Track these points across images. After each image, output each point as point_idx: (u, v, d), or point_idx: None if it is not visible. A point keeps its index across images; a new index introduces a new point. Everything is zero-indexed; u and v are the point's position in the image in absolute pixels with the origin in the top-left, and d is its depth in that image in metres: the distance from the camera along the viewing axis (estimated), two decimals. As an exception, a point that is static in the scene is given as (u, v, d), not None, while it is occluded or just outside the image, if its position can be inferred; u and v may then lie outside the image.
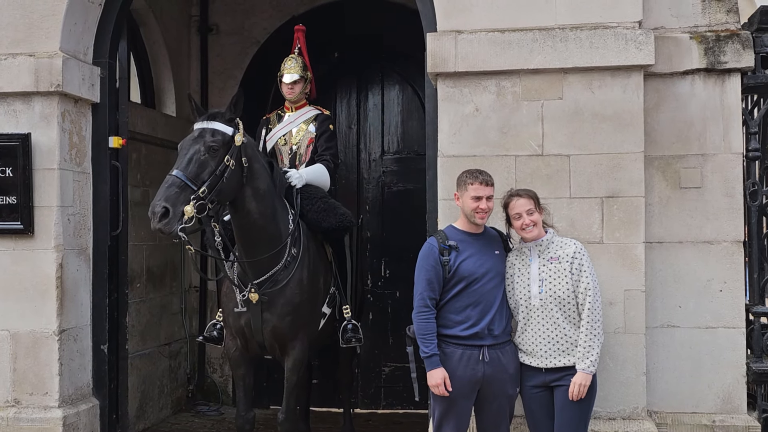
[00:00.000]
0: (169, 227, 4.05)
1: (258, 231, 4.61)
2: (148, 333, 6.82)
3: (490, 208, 4.05)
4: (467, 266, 4.01)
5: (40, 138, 4.97)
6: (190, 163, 4.25)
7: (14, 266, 4.99)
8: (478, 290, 4.01)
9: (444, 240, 4.07)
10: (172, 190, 4.13)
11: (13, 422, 4.92)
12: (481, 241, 4.10)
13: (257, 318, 4.69)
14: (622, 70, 4.51)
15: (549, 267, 4.00)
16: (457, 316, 4.00)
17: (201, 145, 4.31)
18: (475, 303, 4.00)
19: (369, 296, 7.22)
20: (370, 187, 7.37)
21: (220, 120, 4.44)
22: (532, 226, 4.02)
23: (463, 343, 3.98)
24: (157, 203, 4.07)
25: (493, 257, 4.09)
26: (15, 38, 5.01)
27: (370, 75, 7.40)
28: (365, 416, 7.05)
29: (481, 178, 4.03)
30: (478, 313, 3.99)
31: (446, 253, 4.02)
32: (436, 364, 3.96)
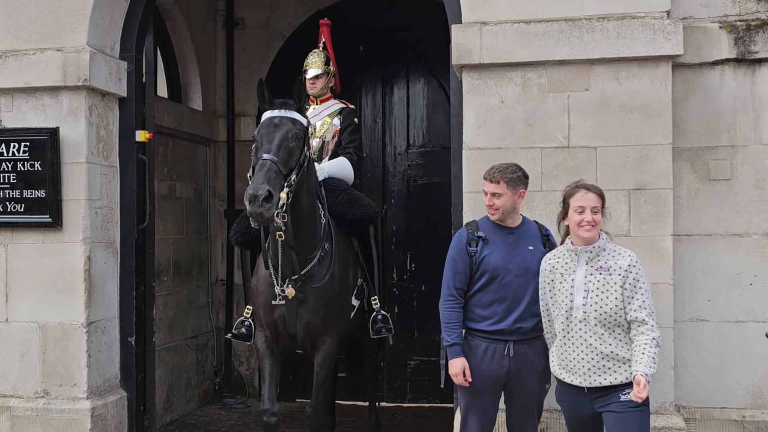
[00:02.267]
0: (270, 212, 3.98)
1: (305, 225, 4.58)
2: (175, 326, 6.87)
3: (498, 205, 3.92)
4: (492, 260, 3.91)
5: (68, 132, 5.01)
6: (280, 149, 4.19)
7: (43, 259, 5.05)
8: (504, 285, 3.90)
9: (474, 230, 3.99)
10: (271, 174, 4.06)
11: (43, 413, 4.98)
12: (514, 235, 3.98)
13: (292, 312, 4.67)
14: (649, 61, 4.45)
15: (597, 278, 3.61)
16: (483, 311, 3.93)
17: (287, 132, 4.26)
18: (501, 299, 3.91)
19: (395, 290, 7.21)
20: (396, 181, 7.35)
21: (293, 109, 4.40)
22: (591, 226, 3.64)
23: (489, 337, 3.91)
24: (261, 186, 3.96)
25: (524, 252, 3.93)
26: (43, 33, 5.06)
27: (395, 68, 7.38)
28: (391, 410, 7.05)
29: (489, 175, 3.96)
30: (504, 309, 3.90)
31: (474, 243, 3.95)
32: (457, 353, 3.92)
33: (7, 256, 5.08)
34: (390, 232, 7.22)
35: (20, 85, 5.02)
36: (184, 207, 7.06)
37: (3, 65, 5.03)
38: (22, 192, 5.03)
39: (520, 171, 3.99)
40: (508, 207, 3.94)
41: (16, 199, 5.04)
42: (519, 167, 4.00)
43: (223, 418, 6.96)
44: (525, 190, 4.01)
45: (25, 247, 5.07)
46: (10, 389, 5.07)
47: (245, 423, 6.75)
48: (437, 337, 7.13)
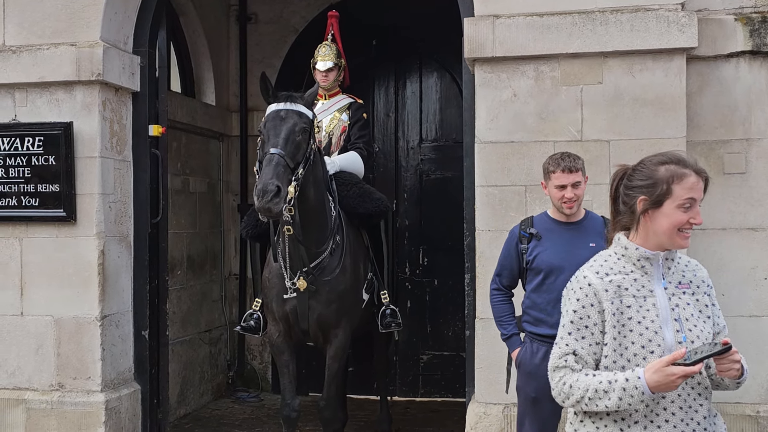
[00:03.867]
0: (278, 207, 3.99)
1: (314, 218, 4.59)
2: (189, 320, 6.90)
3: (578, 195, 3.67)
4: (545, 257, 3.68)
5: (82, 126, 5.03)
6: (287, 143, 4.19)
7: (57, 253, 5.08)
8: (560, 284, 3.52)
9: (527, 227, 3.78)
10: (280, 168, 4.07)
11: (57, 406, 5.02)
12: (573, 231, 3.71)
13: (303, 305, 4.68)
14: (664, 54, 4.42)
15: (682, 299, 2.31)
16: (539, 313, 3.71)
17: (293, 125, 4.25)
18: (557, 300, 3.58)
19: (407, 284, 7.21)
20: (408, 175, 7.34)
21: (300, 102, 4.39)
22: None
23: (547, 341, 3.55)
24: (270, 181, 3.98)
25: (584, 250, 3.49)
26: (57, 28, 5.08)
27: (408, 62, 7.36)
28: (403, 404, 7.05)
29: (564, 164, 3.65)
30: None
31: (525, 241, 3.74)
32: (518, 343, 3.79)
33: (22, 250, 5.12)
34: (402, 226, 7.21)
35: (34, 79, 5.05)
36: (198, 201, 7.08)
37: (17, 60, 5.06)
38: (36, 186, 5.06)
39: (580, 158, 3.80)
40: (582, 198, 3.73)
41: (31, 194, 5.07)
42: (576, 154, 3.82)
43: (237, 411, 6.99)
44: None
45: (40, 241, 5.10)
46: (26, 382, 5.11)
47: (258, 417, 6.78)
48: (449, 331, 7.17)
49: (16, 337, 5.12)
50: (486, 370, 4.57)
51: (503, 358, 4.51)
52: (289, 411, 4.82)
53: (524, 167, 4.54)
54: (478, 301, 4.61)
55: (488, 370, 4.57)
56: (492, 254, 4.55)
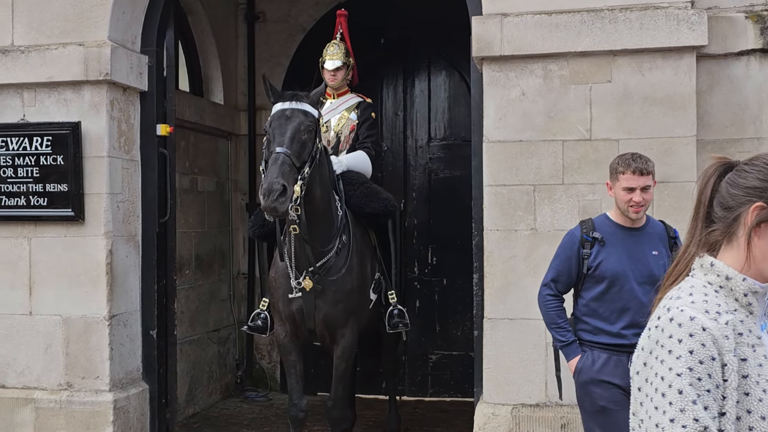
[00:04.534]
0: (284, 206, 3.99)
1: (319, 217, 4.58)
2: (197, 319, 6.90)
3: (647, 200, 3.44)
4: (610, 265, 3.45)
5: (90, 126, 5.04)
6: (293, 142, 4.18)
7: (66, 252, 5.08)
8: (625, 294, 3.44)
9: (589, 230, 3.50)
10: (285, 167, 4.06)
11: (66, 405, 5.02)
12: (636, 237, 3.50)
13: (310, 305, 4.67)
14: (673, 52, 4.39)
15: None
16: (601, 322, 3.47)
17: (299, 124, 4.24)
18: (623, 309, 3.45)
19: (416, 284, 7.19)
20: (417, 174, 7.32)
21: (305, 101, 4.38)
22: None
23: (610, 348, 3.45)
24: (275, 180, 3.97)
25: (647, 257, 3.45)
26: (65, 28, 5.09)
27: (416, 61, 7.34)
28: (412, 404, 7.03)
29: (635, 165, 3.41)
30: (627, 320, 3.43)
31: (588, 245, 3.47)
32: (577, 351, 3.51)
33: (31, 250, 5.13)
34: (411, 225, 7.19)
35: (43, 79, 5.05)
36: (206, 201, 7.08)
37: (26, 60, 5.06)
38: (45, 186, 5.07)
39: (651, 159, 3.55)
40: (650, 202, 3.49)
41: (39, 193, 5.07)
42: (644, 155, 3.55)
43: (245, 411, 6.98)
44: None
45: (49, 241, 5.11)
46: (35, 381, 5.12)
47: (267, 416, 6.77)
48: (458, 331, 7.15)
49: (25, 337, 5.13)
50: (494, 370, 4.55)
51: (511, 358, 4.52)
52: (296, 411, 4.82)
53: (533, 166, 4.51)
54: (486, 301, 4.59)
55: (496, 371, 4.55)
56: (501, 254, 4.54)
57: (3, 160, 5.10)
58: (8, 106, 5.14)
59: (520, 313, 4.50)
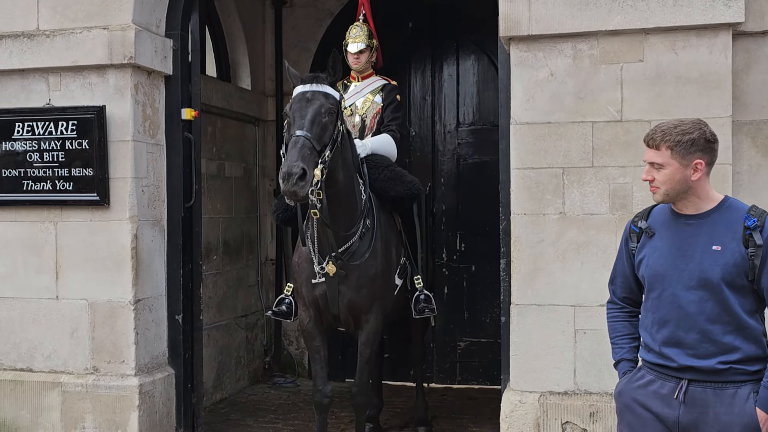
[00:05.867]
0: (304, 190, 3.90)
1: (342, 201, 4.51)
2: (225, 305, 6.90)
3: (659, 181, 2.75)
4: (651, 262, 2.81)
5: (115, 110, 5.02)
6: (313, 125, 4.09)
7: (91, 237, 5.08)
8: (665, 301, 2.76)
9: (639, 219, 2.90)
10: (305, 151, 3.97)
11: (92, 389, 5.04)
12: (693, 228, 2.75)
13: (333, 290, 4.62)
14: (708, 30, 4.23)
15: None
16: (647, 337, 2.86)
17: (319, 107, 4.16)
18: (662, 320, 2.77)
19: (444, 270, 7.11)
20: (445, 160, 7.23)
21: (325, 83, 4.30)
22: None
23: (655, 369, 2.81)
24: (295, 164, 3.89)
25: (704, 254, 2.70)
26: (89, 12, 5.07)
27: (445, 44, 7.23)
28: (441, 391, 6.98)
29: (648, 136, 2.81)
30: (667, 335, 2.75)
31: (634, 237, 2.89)
32: (621, 372, 2.97)
33: (57, 234, 5.14)
34: (439, 211, 7.11)
35: (68, 63, 5.04)
36: (233, 186, 7.07)
37: (51, 44, 5.06)
38: (70, 170, 5.07)
39: (697, 131, 2.72)
40: (675, 185, 2.73)
41: (65, 177, 5.08)
42: (697, 125, 2.74)
43: (273, 397, 6.98)
44: (705, 161, 2.73)
45: (74, 225, 5.11)
46: (61, 365, 5.14)
47: (294, 402, 6.76)
48: (487, 318, 7.06)
49: (51, 321, 5.15)
50: (521, 357, 4.47)
51: (539, 345, 4.43)
52: (321, 397, 4.77)
53: (561, 149, 4.40)
54: (513, 287, 4.50)
55: (524, 358, 4.46)
56: (528, 239, 4.44)
57: (29, 144, 5.11)
58: (34, 90, 5.14)
59: (548, 299, 4.40)
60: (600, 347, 4.29)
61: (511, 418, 4.44)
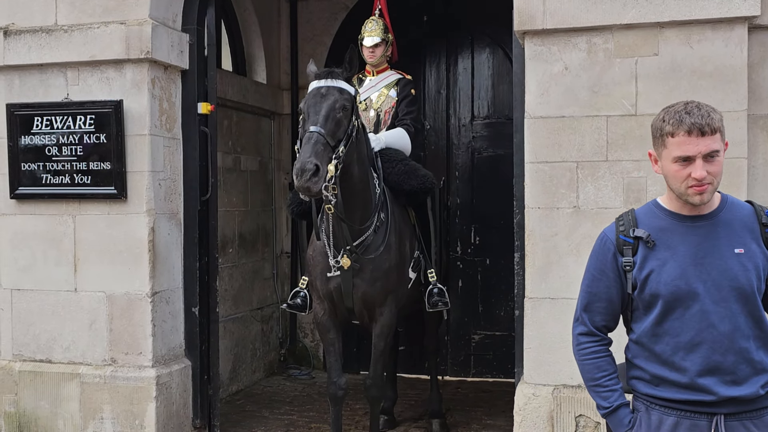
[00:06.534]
0: (317, 186, 3.93)
1: (357, 195, 4.55)
2: (241, 297, 6.95)
3: (715, 174, 2.28)
4: (665, 276, 2.35)
5: (132, 104, 5.06)
6: (327, 120, 4.11)
7: (109, 230, 5.14)
8: (693, 319, 2.33)
9: (628, 228, 2.41)
10: (318, 147, 3.99)
11: (110, 380, 5.10)
12: (705, 230, 2.35)
13: (348, 283, 4.65)
14: (724, 23, 4.21)
15: None
16: (661, 368, 2.39)
17: (334, 102, 4.18)
18: (691, 344, 2.34)
19: (459, 263, 7.13)
20: (460, 153, 7.24)
21: (341, 78, 4.32)
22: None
23: (679, 407, 2.36)
24: (308, 160, 3.91)
25: (725, 260, 2.33)
26: (107, 7, 5.11)
27: (459, 38, 7.24)
28: (455, 384, 7.01)
29: (691, 121, 2.25)
30: (700, 362, 2.33)
31: (628, 250, 2.39)
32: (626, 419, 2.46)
33: (75, 227, 5.20)
34: (454, 204, 7.13)
35: (86, 58, 5.09)
36: (249, 180, 7.11)
37: (69, 39, 5.11)
38: (88, 164, 5.12)
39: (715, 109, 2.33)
40: (720, 177, 2.35)
41: (83, 171, 5.13)
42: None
43: (288, 388, 7.03)
44: None
45: (92, 218, 5.17)
46: (80, 357, 5.21)
47: (309, 394, 6.81)
48: (501, 311, 7.08)
49: (70, 313, 5.22)
50: (535, 350, 4.48)
51: (552, 338, 4.43)
52: (335, 389, 4.81)
53: (575, 143, 4.40)
54: (527, 280, 4.51)
55: (537, 351, 4.47)
56: (542, 232, 4.44)
57: (48, 138, 5.17)
58: (52, 85, 5.19)
59: (561, 292, 4.41)
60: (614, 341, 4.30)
61: (524, 411, 4.46)
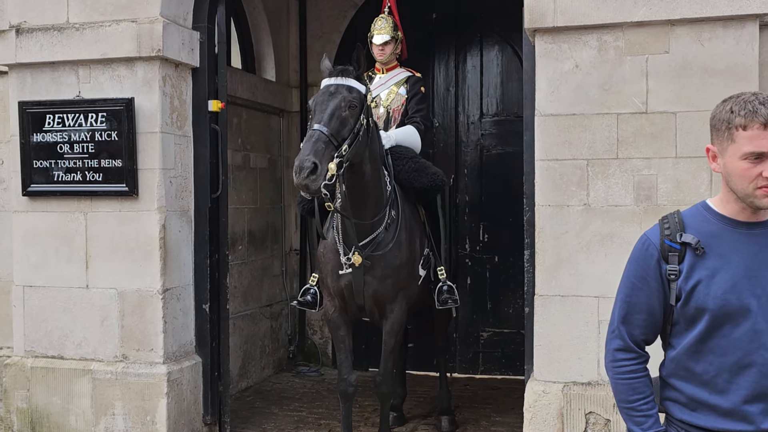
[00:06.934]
0: (316, 184, 3.93)
1: (369, 193, 4.56)
2: (250, 294, 6.98)
3: None
4: (715, 290, 2.12)
5: (143, 102, 5.08)
6: (331, 119, 4.11)
7: (120, 227, 5.16)
8: (743, 338, 2.11)
9: (675, 232, 2.16)
10: (319, 145, 4.00)
11: (122, 376, 5.13)
12: (762, 239, 2.14)
13: (359, 280, 4.67)
14: (735, 21, 4.21)
15: None
16: (702, 390, 2.17)
17: (341, 101, 4.18)
18: (739, 364, 2.12)
19: (467, 261, 7.15)
20: (469, 151, 7.25)
21: (352, 76, 4.32)
22: None
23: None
24: (306, 158, 3.91)
25: None
26: (118, 5, 5.13)
27: (468, 35, 7.24)
28: (463, 381, 7.02)
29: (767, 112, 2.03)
30: (750, 385, 2.11)
31: (674, 257, 2.15)
32: None
33: (87, 224, 5.22)
34: (463, 202, 7.14)
35: (97, 56, 5.11)
36: (258, 177, 7.13)
37: (81, 37, 5.13)
38: (100, 162, 5.14)
39: None
40: None
41: (95, 169, 5.15)
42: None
43: (297, 385, 7.06)
44: None
45: (104, 216, 5.19)
46: (91, 353, 5.24)
47: (318, 391, 6.83)
48: (510, 308, 7.09)
49: (82, 309, 5.25)
50: (545, 347, 4.49)
51: (562, 335, 4.45)
52: (345, 386, 4.83)
53: (586, 140, 4.41)
54: (537, 278, 4.52)
55: (548, 348, 4.48)
56: (552, 230, 4.45)
57: (60, 136, 5.20)
58: (64, 83, 5.22)
59: (571, 290, 4.42)
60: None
61: (534, 408, 4.47)
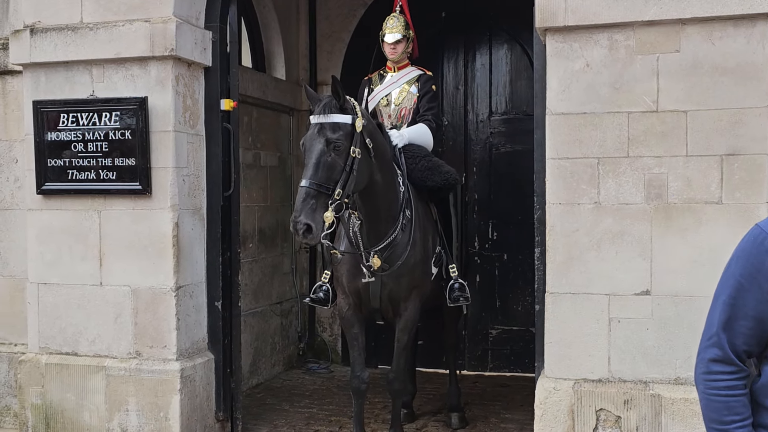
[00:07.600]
0: (315, 240, 4.09)
1: (381, 197, 4.62)
2: (261, 292, 7.02)
3: None
4: None
5: (156, 101, 5.12)
6: (318, 169, 4.14)
7: (134, 225, 5.20)
8: None
9: None
10: (308, 202, 4.05)
11: (135, 373, 5.17)
12: None
13: (376, 283, 4.72)
14: (745, 19, 4.23)
15: None
16: None
17: (323, 144, 4.18)
18: None
19: (476, 259, 7.18)
20: (478, 149, 7.28)
21: (336, 110, 4.29)
22: None
23: None
24: (299, 220, 4.01)
25: None
26: (131, 4, 5.17)
27: (477, 34, 7.27)
28: (472, 378, 7.06)
29: None
30: None
31: None
32: None
33: (101, 222, 5.27)
34: (472, 200, 7.17)
35: (111, 56, 5.15)
36: (269, 175, 7.18)
37: (94, 37, 5.17)
38: (113, 160, 5.18)
39: None
40: None
41: (108, 167, 5.20)
42: None
43: (307, 382, 7.10)
44: None
45: (117, 214, 5.24)
46: (105, 350, 5.28)
47: (328, 388, 6.87)
48: (519, 306, 7.12)
49: (96, 306, 5.29)
50: (556, 345, 4.52)
51: (573, 333, 4.47)
52: (358, 383, 4.87)
53: (597, 139, 4.43)
54: (548, 275, 4.55)
55: (558, 345, 4.51)
56: (563, 228, 4.48)
57: (74, 135, 5.24)
58: (78, 82, 5.26)
59: (582, 287, 4.45)
60: (634, 336, 4.35)
61: (545, 405, 4.50)
